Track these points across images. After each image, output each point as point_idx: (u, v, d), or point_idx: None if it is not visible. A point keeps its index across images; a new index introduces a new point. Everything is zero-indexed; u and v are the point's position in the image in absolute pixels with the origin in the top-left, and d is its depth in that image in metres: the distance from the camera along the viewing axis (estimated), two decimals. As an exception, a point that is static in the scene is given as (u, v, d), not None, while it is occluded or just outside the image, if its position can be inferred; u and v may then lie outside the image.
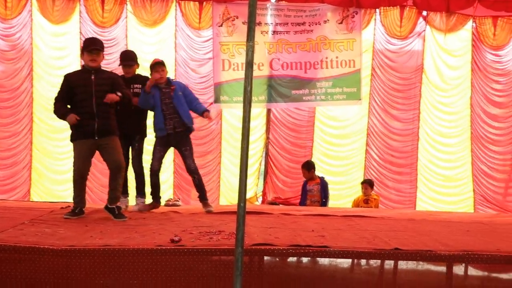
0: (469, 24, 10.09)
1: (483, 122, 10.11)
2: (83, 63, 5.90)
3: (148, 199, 6.67)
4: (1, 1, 9.64)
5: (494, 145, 10.13)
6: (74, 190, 5.74)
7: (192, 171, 6.61)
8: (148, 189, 6.66)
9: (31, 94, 9.84)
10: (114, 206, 5.57)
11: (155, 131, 6.52)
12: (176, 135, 6.48)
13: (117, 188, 5.65)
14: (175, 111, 6.43)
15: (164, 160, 6.81)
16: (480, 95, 10.12)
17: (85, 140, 5.57)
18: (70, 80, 5.63)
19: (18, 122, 9.88)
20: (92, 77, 5.56)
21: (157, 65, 6.51)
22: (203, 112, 6.58)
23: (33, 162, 9.89)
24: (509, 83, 10.16)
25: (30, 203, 8.39)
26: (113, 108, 5.70)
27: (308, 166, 9.19)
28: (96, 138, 5.55)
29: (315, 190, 9.05)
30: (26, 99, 9.74)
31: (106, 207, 5.61)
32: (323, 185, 9.04)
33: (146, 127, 6.67)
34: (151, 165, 6.63)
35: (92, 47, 5.60)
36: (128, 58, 6.71)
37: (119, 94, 5.57)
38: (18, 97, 9.83)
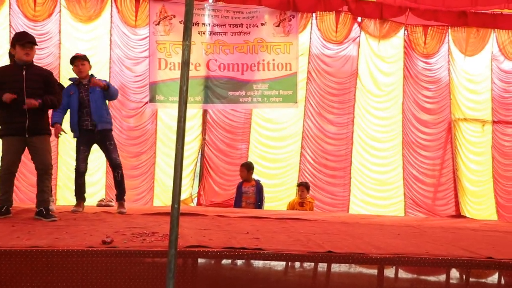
0: (402, 32, 10.38)
1: (414, 127, 10.39)
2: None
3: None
4: None
5: (424, 150, 10.44)
6: (1, 188, 5.53)
7: (117, 165, 6.56)
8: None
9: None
10: (42, 208, 5.40)
11: (73, 130, 6.40)
12: (99, 131, 6.39)
13: (45, 190, 5.50)
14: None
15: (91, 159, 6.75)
16: (412, 101, 10.40)
17: (14, 137, 5.39)
18: (0, 75, 5.43)
19: None
20: (24, 72, 5.38)
21: (76, 60, 6.43)
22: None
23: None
24: (438, 90, 10.50)
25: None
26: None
27: (248, 167, 9.20)
28: (27, 136, 5.39)
29: (250, 192, 9.08)
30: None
31: (36, 213, 5.43)
32: (259, 188, 9.08)
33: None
34: (78, 166, 6.51)
35: (25, 41, 5.41)
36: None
37: (39, 101, 5.38)
38: None
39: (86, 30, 9.68)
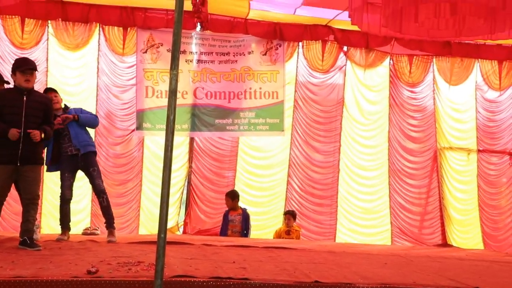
0: (387, 61, 10.50)
1: (400, 156, 10.45)
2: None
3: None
4: None
5: (410, 178, 10.47)
6: None
7: (101, 191, 6.61)
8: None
9: None
10: (26, 237, 5.34)
11: (47, 160, 6.51)
12: (83, 157, 6.42)
13: (30, 220, 5.46)
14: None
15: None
16: (398, 130, 10.47)
17: (6, 166, 5.36)
18: (0, 98, 5.42)
19: None
20: (24, 98, 5.37)
21: (50, 92, 6.64)
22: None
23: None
24: (424, 119, 10.58)
25: None
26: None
27: (233, 195, 9.21)
28: (18, 164, 5.36)
29: (236, 221, 9.06)
30: None
31: (20, 243, 5.38)
32: (245, 217, 9.07)
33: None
34: (63, 194, 6.52)
35: (25, 67, 5.43)
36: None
37: (43, 136, 5.47)
38: None
39: (73, 58, 9.68)
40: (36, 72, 5.67)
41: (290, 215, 9.46)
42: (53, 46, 9.56)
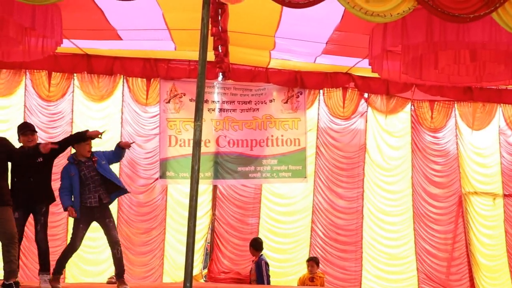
0: (408, 107, 10.51)
1: (424, 201, 10.34)
2: None
3: None
4: None
5: (435, 224, 10.33)
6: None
7: (116, 242, 6.59)
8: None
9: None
10: (12, 282, 5.37)
11: (77, 208, 6.45)
12: (100, 208, 6.42)
13: (13, 260, 5.51)
14: (100, 183, 6.53)
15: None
16: (421, 175, 10.40)
17: None
18: None
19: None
20: None
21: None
22: (118, 144, 6.87)
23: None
24: (447, 164, 10.50)
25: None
26: (5, 180, 5.80)
27: (251, 243, 9.22)
28: None
29: (252, 269, 9.04)
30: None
31: (3, 285, 5.41)
32: (257, 264, 8.99)
33: (52, 196, 6.61)
34: (74, 245, 6.55)
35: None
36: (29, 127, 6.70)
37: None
38: None
39: (98, 109, 9.89)
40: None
41: (313, 261, 9.38)
42: (78, 97, 9.79)
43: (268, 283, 8.92)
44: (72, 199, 6.50)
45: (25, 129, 6.05)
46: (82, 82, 9.73)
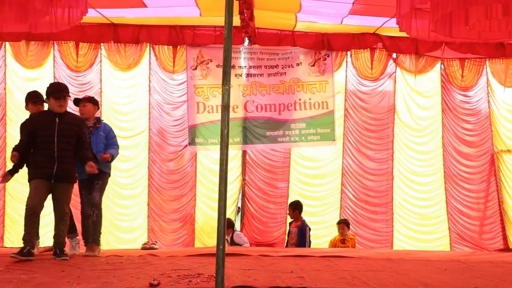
0: (438, 66, 10.33)
1: (455, 161, 10.24)
2: None
3: None
4: (-26, 47, 9.63)
5: (467, 183, 10.24)
6: (24, 228, 5.79)
7: (94, 204, 6.61)
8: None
9: (4, 138, 9.73)
10: (57, 249, 5.78)
11: (78, 172, 6.40)
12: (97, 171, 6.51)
13: (60, 234, 5.86)
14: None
15: None
16: (452, 135, 10.28)
17: (42, 180, 5.69)
18: (33, 122, 5.77)
19: (-10, 169, 9.75)
20: (57, 120, 5.68)
21: (79, 102, 6.79)
22: (106, 152, 6.69)
23: (6, 208, 9.72)
24: (479, 123, 10.35)
25: (3, 249, 8.22)
26: (74, 154, 5.87)
27: (293, 206, 9.24)
28: (52, 181, 5.70)
29: (293, 233, 9.07)
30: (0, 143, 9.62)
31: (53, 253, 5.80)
32: (300, 229, 9.03)
33: None
34: (83, 210, 6.71)
35: (59, 94, 5.72)
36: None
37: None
38: (-11, 142, 9.72)
39: (125, 78, 9.96)
40: (68, 97, 5.97)
41: (343, 224, 9.42)
42: (106, 67, 9.87)
43: (309, 247, 8.99)
44: None
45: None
46: (109, 51, 9.80)
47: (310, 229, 9.20)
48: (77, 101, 6.82)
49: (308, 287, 4.22)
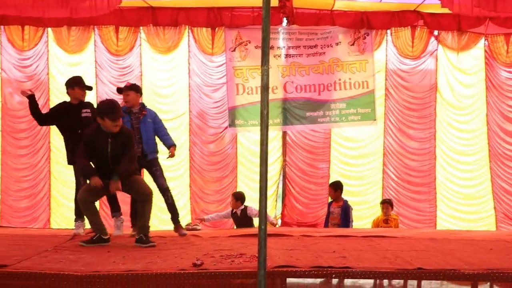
0: (481, 42, 10.06)
1: (500, 139, 10.00)
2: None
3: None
4: (18, 33, 9.82)
5: (513, 162, 10.02)
6: (87, 217, 5.84)
7: (165, 189, 6.69)
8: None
9: (48, 123, 9.93)
10: (141, 235, 5.62)
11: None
12: (145, 157, 6.54)
13: (146, 217, 5.75)
14: (141, 137, 6.55)
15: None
16: (496, 112, 10.03)
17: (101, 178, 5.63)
18: (89, 141, 5.69)
19: (36, 152, 9.98)
20: (109, 140, 5.63)
21: (122, 90, 6.71)
22: (169, 146, 6.71)
23: (52, 191, 9.96)
24: (525, 100, 10.08)
25: (52, 230, 8.43)
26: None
27: (335, 186, 9.16)
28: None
29: (335, 213, 9.00)
30: (44, 129, 9.81)
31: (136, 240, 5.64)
32: (344, 209, 8.96)
33: None
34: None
35: (116, 115, 5.60)
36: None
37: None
38: (35, 127, 9.92)
39: (165, 61, 10.04)
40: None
41: (387, 203, 9.35)
42: (146, 50, 9.96)
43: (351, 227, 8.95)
44: None
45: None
46: (148, 35, 9.88)
47: (352, 209, 9.14)
48: (120, 90, 6.79)
49: (350, 267, 4.21)
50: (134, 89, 6.75)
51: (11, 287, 4.04)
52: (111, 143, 5.62)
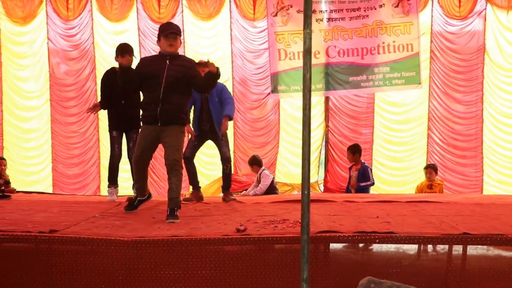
0: (534, -1, 9.71)
1: (550, 101, 9.73)
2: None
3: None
4: (62, 3, 9.97)
5: (563, 123, 9.73)
6: (133, 177, 5.80)
7: (226, 159, 6.66)
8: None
9: (95, 91, 10.13)
10: (169, 208, 5.11)
11: (193, 126, 6.56)
12: (212, 132, 6.52)
13: (173, 188, 5.19)
14: (209, 110, 6.51)
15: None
16: (548, 74, 9.73)
17: (148, 126, 5.33)
18: (142, 65, 5.43)
19: (85, 121, 10.21)
20: (167, 62, 5.27)
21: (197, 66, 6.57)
22: (223, 117, 6.49)
23: (101, 158, 10.19)
24: None
25: (99, 197, 8.65)
26: (183, 97, 5.42)
27: (353, 149, 9.01)
28: (159, 124, 5.25)
29: (354, 176, 8.90)
30: (91, 97, 10.01)
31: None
32: (362, 170, 8.83)
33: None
34: (185, 152, 6.31)
35: (169, 31, 5.30)
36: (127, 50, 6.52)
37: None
38: (83, 96, 10.14)
39: (207, 28, 10.05)
40: (180, 37, 5.51)
41: (431, 168, 9.21)
42: (188, 17, 9.98)
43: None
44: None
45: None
46: (190, 1, 9.90)
47: (371, 170, 9.01)
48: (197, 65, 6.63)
49: (394, 232, 4.19)
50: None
51: (61, 251, 4.17)
52: (168, 66, 5.23)
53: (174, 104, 5.28)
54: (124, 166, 6.83)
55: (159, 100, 5.22)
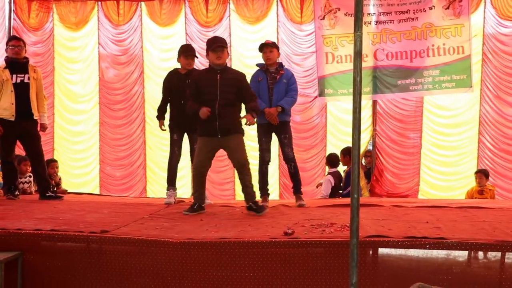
0: None
1: None
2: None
3: None
4: (113, 8, 10.18)
5: None
6: (193, 186, 5.91)
7: (290, 159, 6.60)
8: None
9: (142, 95, 10.30)
10: (250, 203, 5.65)
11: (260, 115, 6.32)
12: (279, 122, 6.41)
13: (247, 184, 5.68)
14: (272, 97, 6.41)
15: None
16: None
17: (207, 138, 5.63)
18: (197, 81, 5.68)
19: (132, 123, 10.38)
20: (218, 76, 5.58)
21: (265, 47, 6.49)
22: (277, 106, 6.39)
23: (147, 161, 10.33)
24: None
25: (147, 199, 8.77)
26: (237, 108, 5.73)
27: (345, 152, 8.95)
28: (219, 136, 5.58)
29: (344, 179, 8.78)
30: (138, 101, 10.18)
31: (247, 208, 5.68)
32: (348, 173, 8.62)
33: None
34: (263, 157, 6.55)
35: (216, 45, 5.59)
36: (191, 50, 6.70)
37: (254, 116, 5.64)
38: (130, 99, 10.30)
39: (254, 31, 10.09)
40: (226, 48, 5.77)
41: (482, 173, 9.00)
42: (235, 21, 10.04)
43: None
44: None
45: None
46: (237, 5, 9.94)
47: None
48: (262, 47, 6.55)
49: (446, 238, 4.11)
50: (276, 46, 6.66)
51: (111, 251, 4.25)
52: (220, 79, 5.55)
53: (230, 118, 5.60)
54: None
55: (216, 115, 5.51)
